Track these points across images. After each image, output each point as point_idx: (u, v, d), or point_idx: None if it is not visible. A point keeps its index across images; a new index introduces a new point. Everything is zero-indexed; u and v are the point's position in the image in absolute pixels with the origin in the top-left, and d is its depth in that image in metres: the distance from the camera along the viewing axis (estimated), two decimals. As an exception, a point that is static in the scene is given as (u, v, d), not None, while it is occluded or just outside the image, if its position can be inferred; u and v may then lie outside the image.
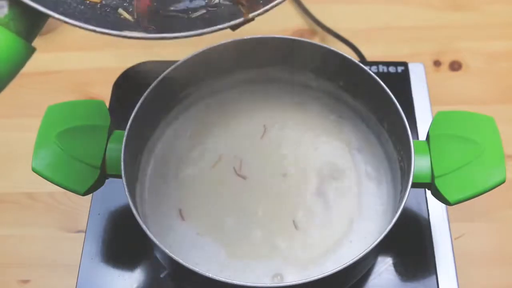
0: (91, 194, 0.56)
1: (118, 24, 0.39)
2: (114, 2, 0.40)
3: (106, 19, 0.39)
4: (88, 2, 0.39)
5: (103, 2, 0.40)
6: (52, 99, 0.55)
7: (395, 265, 0.55)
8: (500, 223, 0.62)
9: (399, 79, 0.67)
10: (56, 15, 0.35)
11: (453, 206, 0.49)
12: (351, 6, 0.80)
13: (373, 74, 0.52)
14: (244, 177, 0.56)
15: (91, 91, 0.72)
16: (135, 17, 0.40)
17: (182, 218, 0.54)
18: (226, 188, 0.55)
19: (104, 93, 0.66)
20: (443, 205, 0.54)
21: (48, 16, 0.36)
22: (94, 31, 0.37)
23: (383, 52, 0.75)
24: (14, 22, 0.36)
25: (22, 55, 0.37)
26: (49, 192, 0.64)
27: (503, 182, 0.48)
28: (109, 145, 0.51)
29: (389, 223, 0.45)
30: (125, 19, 0.40)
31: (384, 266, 0.55)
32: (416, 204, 0.58)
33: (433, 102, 0.65)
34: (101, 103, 0.53)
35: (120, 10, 0.40)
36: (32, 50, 0.37)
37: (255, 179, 0.55)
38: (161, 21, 0.41)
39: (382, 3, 0.80)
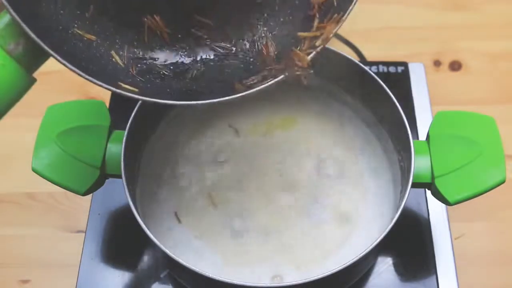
0: (91, 194, 0.56)
1: (110, 71, 0.41)
2: (108, 43, 0.42)
3: (100, 62, 0.41)
4: (85, 38, 0.41)
5: (98, 41, 0.41)
6: (52, 99, 0.55)
7: (395, 265, 0.55)
8: (500, 223, 0.62)
9: (399, 79, 0.67)
10: (61, 60, 0.37)
11: (453, 206, 0.49)
12: (351, 6, 0.80)
13: (373, 74, 0.52)
14: (243, 179, 0.56)
15: (91, 91, 0.72)
16: (125, 62, 0.41)
17: (179, 220, 0.53)
18: (223, 190, 0.55)
19: (104, 93, 0.66)
20: (443, 205, 0.54)
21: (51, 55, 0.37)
22: (89, 80, 0.38)
23: (383, 52, 0.75)
24: (24, 57, 0.38)
25: (25, 87, 0.39)
26: (49, 192, 0.64)
27: (503, 182, 0.48)
28: (109, 145, 0.51)
29: (389, 223, 0.45)
30: (116, 63, 0.41)
31: (384, 266, 0.55)
32: (416, 204, 0.58)
33: (433, 102, 0.65)
34: (101, 103, 0.53)
35: (112, 53, 0.41)
36: (33, 81, 0.40)
37: (255, 180, 0.55)
38: (149, 77, 0.42)
39: (382, 3, 0.80)
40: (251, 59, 0.45)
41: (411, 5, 0.80)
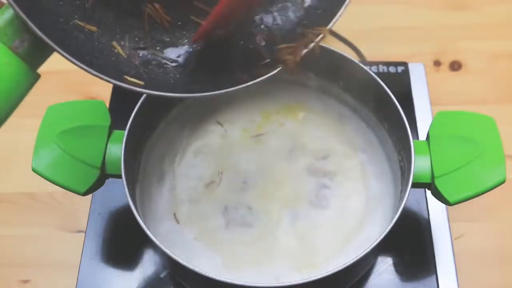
0: (91, 194, 0.56)
1: (113, 63, 0.41)
2: (109, 34, 0.42)
3: (103, 54, 0.41)
4: (86, 29, 0.41)
5: (99, 32, 0.41)
6: (52, 99, 0.55)
7: (395, 265, 0.55)
8: (500, 223, 0.62)
9: (399, 79, 0.67)
10: (66, 54, 0.37)
11: (453, 206, 0.49)
12: (351, 6, 0.79)
13: (373, 74, 0.52)
14: (242, 180, 0.55)
15: (91, 91, 0.72)
16: (127, 53, 0.42)
17: (177, 221, 0.53)
18: (222, 190, 0.55)
19: (104, 93, 0.66)
20: (443, 205, 0.54)
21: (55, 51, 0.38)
22: (94, 74, 0.38)
23: (383, 52, 0.75)
24: (29, 54, 0.38)
25: (31, 83, 0.39)
26: (49, 192, 0.64)
27: (503, 182, 0.48)
28: (109, 145, 0.51)
29: (389, 223, 0.45)
30: (118, 54, 0.41)
31: (384, 266, 0.55)
32: (416, 204, 0.58)
33: (433, 102, 0.65)
34: (101, 103, 0.53)
35: (114, 43, 0.41)
36: (38, 77, 0.40)
37: (255, 181, 0.55)
38: (151, 67, 0.42)
39: (382, 3, 0.80)
40: (251, 47, 0.45)
41: (411, 5, 0.80)
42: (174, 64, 0.44)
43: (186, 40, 0.45)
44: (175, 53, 0.44)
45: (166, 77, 0.43)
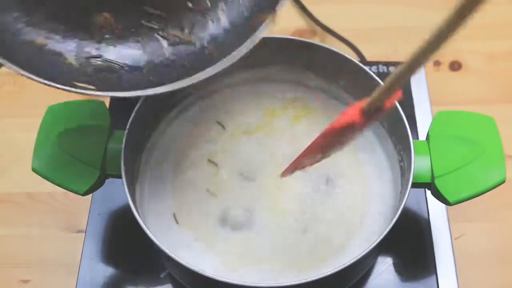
0: (91, 194, 0.56)
1: (66, 73, 0.41)
2: (58, 45, 0.42)
3: (55, 65, 0.41)
4: (36, 43, 0.41)
5: (49, 45, 0.41)
6: (52, 99, 0.55)
7: (395, 265, 0.55)
8: (500, 223, 0.62)
9: (399, 79, 0.67)
10: (13, 67, 0.37)
11: (453, 206, 0.49)
12: (351, 6, 0.80)
13: (373, 74, 0.52)
14: (242, 180, 0.55)
15: (91, 91, 0.72)
16: (79, 63, 0.41)
17: (176, 221, 0.53)
18: (222, 191, 0.55)
19: (104, 93, 0.66)
20: (443, 205, 0.54)
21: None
22: (44, 83, 0.39)
23: (383, 52, 0.75)
24: None
25: None
26: (49, 192, 0.64)
27: (503, 182, 0.48)
28: (109, 145, 0.51)
29: (389, 223, 0.45)
30: (70, 64, 0.41)
31: (384, 266, 0.55)
32: (416, 204, 0.58)
33: (433, 102, 0.65)
34: (101, 103, 0.53)
35: (65, 54, 0.41)
36: None
37: (255, 182, 0.55)
38: (105, 73, 0.43)
39: (382, 3, 0.80)
40: (206, 46, 0.45)
41: (411, 5, 0.80)
42: (127, 69, 0.44)
43: (139, 45, 0.45)
44: (128, 59, 0.44)
45: (121, 80, 0.43)
